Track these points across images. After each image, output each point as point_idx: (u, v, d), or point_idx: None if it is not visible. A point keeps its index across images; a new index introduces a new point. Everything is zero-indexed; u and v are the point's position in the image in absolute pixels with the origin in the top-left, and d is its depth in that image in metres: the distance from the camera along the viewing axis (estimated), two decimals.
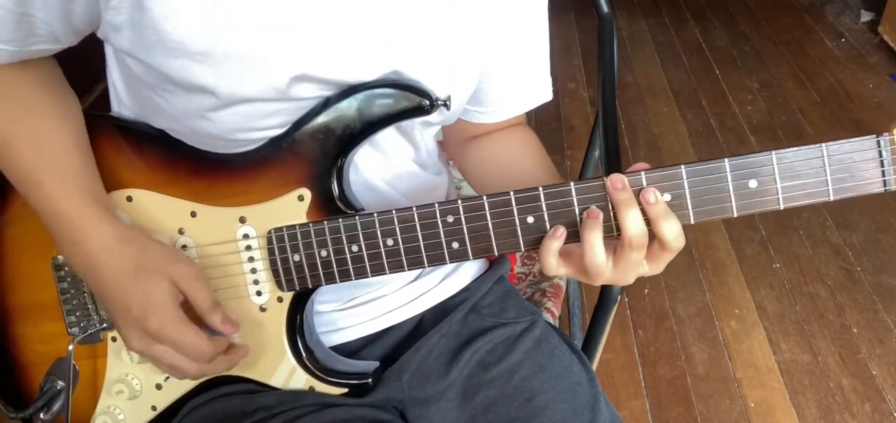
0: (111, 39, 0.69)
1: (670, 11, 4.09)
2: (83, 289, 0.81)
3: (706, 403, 1.79)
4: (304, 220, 0.73)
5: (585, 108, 3.12)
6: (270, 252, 0.75)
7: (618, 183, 0.65)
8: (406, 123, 0.79)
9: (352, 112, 0.70)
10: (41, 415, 0.83)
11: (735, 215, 0.64)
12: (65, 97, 0.77)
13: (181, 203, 0.76)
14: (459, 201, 0.68)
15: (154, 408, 0.83)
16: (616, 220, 0.65)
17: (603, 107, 1.16)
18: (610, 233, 0.66)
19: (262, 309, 0.78)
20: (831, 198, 0.62)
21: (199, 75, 0.65)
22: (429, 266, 0.71)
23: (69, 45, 0.73)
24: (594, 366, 0.99)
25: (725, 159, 0.63)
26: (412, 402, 0.86)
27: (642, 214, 0.64)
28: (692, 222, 0.64)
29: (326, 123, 0.71)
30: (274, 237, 0.74)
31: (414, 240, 0.70)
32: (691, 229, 0.65)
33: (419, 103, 0.70)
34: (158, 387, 0.82)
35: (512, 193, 0.67)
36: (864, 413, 1.74)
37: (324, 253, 0.73)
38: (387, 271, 0.72)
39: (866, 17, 3.68)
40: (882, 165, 0.61)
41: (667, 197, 0.64)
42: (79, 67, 0.80)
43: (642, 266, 0.67)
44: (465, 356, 0.86)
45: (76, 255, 0.72)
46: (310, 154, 0.72)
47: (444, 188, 0.92)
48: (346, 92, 0.70)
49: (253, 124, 0.70)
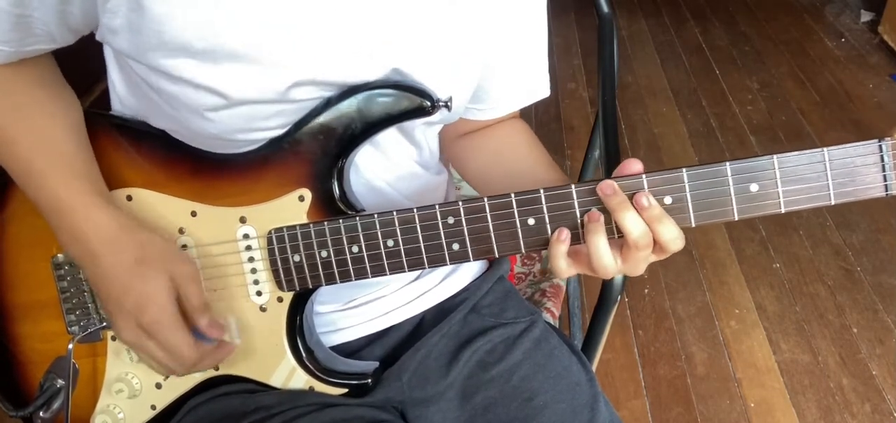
0: (109, 41, 0.68)
1: (670, 11, 4.09)
2: (83, 288, 0.81)
3: (706, 403, 1.79)
4: (304, 220, 0.73)
5: (585, 108, 3.12)
6: (271, 252, 0.75)
7: (607, 189, 0.65)
8: (407, 123, 0.78)
9: (353, 112, 0.70)
10: (41, 413, 0.83)
11: (736, 219, 0.64)
12: (63, 93, 0.77)
13: (181, 203, 0.76)
14: (460, 203, 0.68)
15: (154, 407, 0.83)
16: (615, 223, 0.65)
17: (603, 107, 1.16)
18: (612, 235, 0.66)
19: (262, 309, 0.78)
20: (832, 202, 0.62)
21: (199, 75, 0.65)
22: (429, 267, 0.72)
23: (66, 45, 0.73)
24: (594, 366, 0.99)
25: (727, 163, 0.63)
26: (412, 402, 0.86)
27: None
28: (693, 226, 0.64)
29: (327, 124, 0.71)
30: (274, 238, 0.74)
31: (414, 241, 0.70)
32: (691, 230, 0.65)
33: (420, 104, 0.70)
34: (158, 386, 0.82)
35: (513, 195, 0.67)
36: (864, 413, 1.74)
37: (324, 254, 0.73)
38: (387, 272, 0.72)
39: (866, 17, 3.68)
40: (884, 170, 0.60)
41: (668, 200, 0.64)
42: (79, 67, 0.80)
43: (651, 256, 0.68)
44: (465, 356, 0.86)
45: (75, 244, 0.72)
46: (310, 154, 0.72)
47: (444, 188, 0.92)
48: (348, 92, 0.70)
49: (254, 125, 0.70)
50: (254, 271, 0.76)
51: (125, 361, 0.81)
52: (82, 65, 0.80)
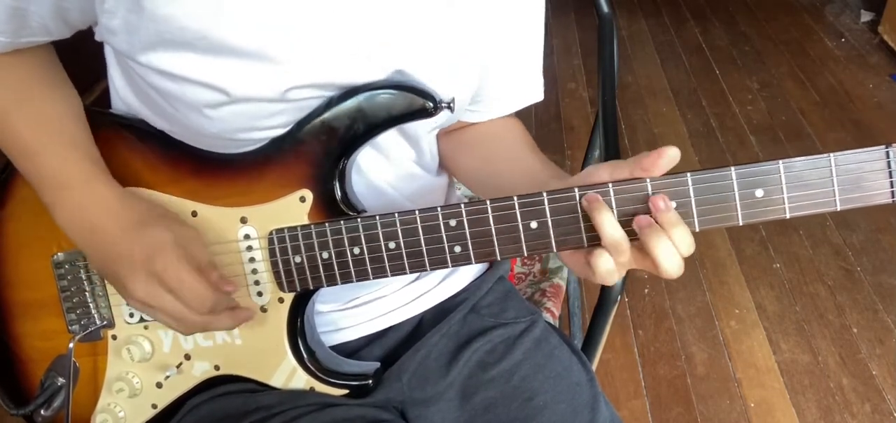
0: (108, 41, 0.69)
1: (670, 11, 4.09)
2: (83, 287, 0.81)
3: (706, 403, 1.79)
4: (305, 221, 0.73)
5: (585, 108, 3.12)
6: (271, 253, 0.74)
7: (661, 203, 0.63)
8: (409, 125, 0.78)
9: (355, 112, 0.70)
10: (42, 411, 0.83)
11: (740, 224, 0.63)
12: (63, 83, 0.77)
13: (182, 203, 0.75)
14: (462, 205, 0.68)
15: (154, 406, 0.83)
16: (646, 242, 0.63)
17: (603, 107, 1.16)
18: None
19: (263, 310, 0.78)
20: (838, 208, 0.61)
21: (199, 72, 0.65)
22: (431, 269, 0.71)
23: (62, 38, 0.74)
24: (594, 366, 0.99)
25: (732, 168, 0.62)
26: (412, 402, 0.86)
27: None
28: (697, 230, 0.64)
29: (329, 124, 0.70)
30: (275, 238, 0.74)
31: (416, 243, 0.70)
32: (692, 231, 0.65)
33: (423, 105, 0.70)
34: (159, 386, 0.82)
35: (515, 198, 0.67)
36: (864, 413, 1.74)
37: (325, 255, 0.73)
38: (389, 274, 0.72)
39: (866, 17, 3.68)
40: (890, 176, 0.60)
41: (672, 204, 0.64)
42: (79, 67, 0.80)
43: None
44: (465, 356, 0.86)
45: (76, 220, 0.73)
46: (312, 155, 0.72)
47: (445, 189, 0.92)
48: (350, 92, 0.70)
49: (254, 124, 0.70)
50: (255, 271, 0.76)
51: (126, 360, 0.81)
52: (83, 64, 0.80)
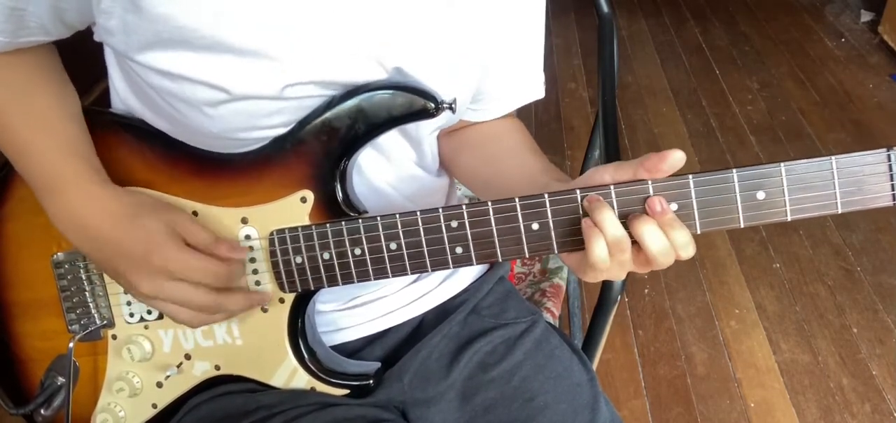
0: (107, 41, 0.69)
1: (670, 11, 4.09)
2: (83, 287, 0.81)
3: (706, 403, 1.79)
4: (306, 222, 0.73)
5: (585, 108, 3.12)
6: (272, 254, 0.74)
7: (656, 206, 0.64)
8: (410, 125, 0.78)
9: (356, 112, 0.70)
10: (42, 411, 0.83)
11: (741, 226, 0.63)
12: (63, 83, 0.77)
13: (182, 203, 0.75)
14: (463, 207, 0.68)
15: (155, 406, 0.83)
16: (640, 236, 0.63)
17: (603, 107, 1.16)
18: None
19: (264, 310, 0.78)
20: (840, 211, 0.61)
21: (198, 70, 0.65)
22: (432, 270, 0.71)
23: (61, 38, 0.74)
24: (594, 366, 0.99)
25: (733, 170, 0.62)
26: (413, 403, 0.86)
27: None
28: (698, 232, 0.64)
29: (330, 124, 0.70)
30: (276, 239, 0.74)
31: (417, 244, 0.70)
32: (692, 233, 0.65)
33: (424, 106, 0.69)
34: (159, 385, 0.82)
35: (517, 200, 0.66)
36: (864, 413, 1.75)
37: (326, 255, 0.73)
38: (390, 275, 0.72)
39: (866, 17, 3.68)
40: (892, 179, 0.60)
41: (673, 207, 0.64)
42: (79, 67, 0.80)
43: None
44: (466, 356, 0.86)
45: (69, 219, 0.73)
46: (313, 155, 0.72)
47: (446, 190, 0.92)
48: (351, 92, 0.70)
49: (254, 122, 0.70)
50: (255, 271, 0.76)
51: (126, 360, 0.81)
52: (83, 64, 0.79)
